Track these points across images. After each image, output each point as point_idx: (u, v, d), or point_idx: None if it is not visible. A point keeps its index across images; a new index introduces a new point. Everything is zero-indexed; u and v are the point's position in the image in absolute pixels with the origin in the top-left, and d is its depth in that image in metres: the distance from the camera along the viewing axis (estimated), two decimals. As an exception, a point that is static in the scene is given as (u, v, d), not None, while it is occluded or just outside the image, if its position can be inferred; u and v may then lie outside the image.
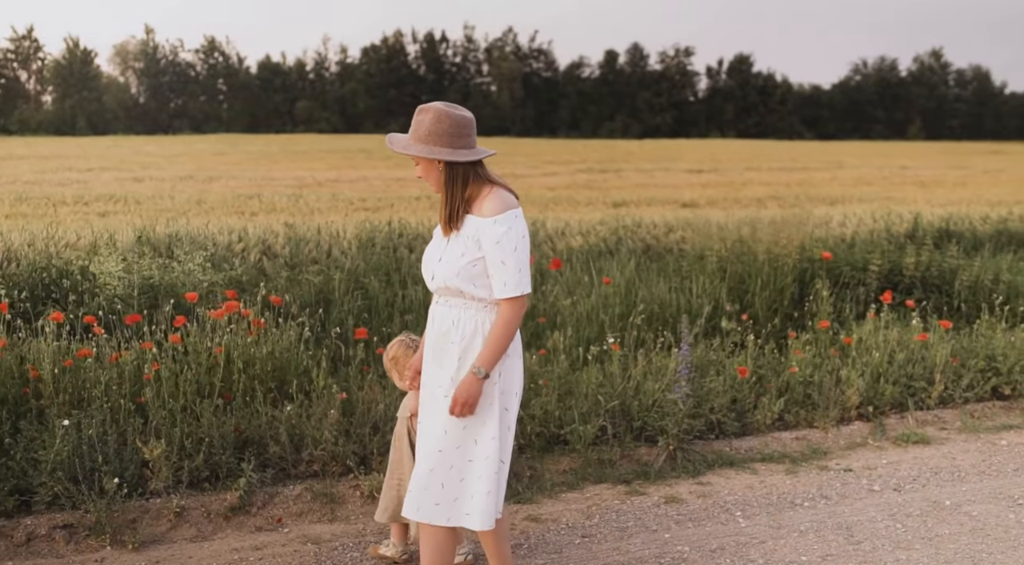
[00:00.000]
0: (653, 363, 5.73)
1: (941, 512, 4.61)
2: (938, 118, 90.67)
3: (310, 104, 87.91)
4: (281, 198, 17.53)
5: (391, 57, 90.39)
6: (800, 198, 19.06)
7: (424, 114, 3.23)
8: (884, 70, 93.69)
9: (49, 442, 4.50)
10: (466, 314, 3.27)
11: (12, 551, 4.13)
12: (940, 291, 7.61)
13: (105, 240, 8.06)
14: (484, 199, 3.21)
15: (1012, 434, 5.85)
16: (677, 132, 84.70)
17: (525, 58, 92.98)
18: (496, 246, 3.16)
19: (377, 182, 23.76)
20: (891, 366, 6.12)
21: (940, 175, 28.96)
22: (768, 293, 6.93)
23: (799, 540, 4.26)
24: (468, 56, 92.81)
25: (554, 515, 4.54)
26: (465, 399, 3.19)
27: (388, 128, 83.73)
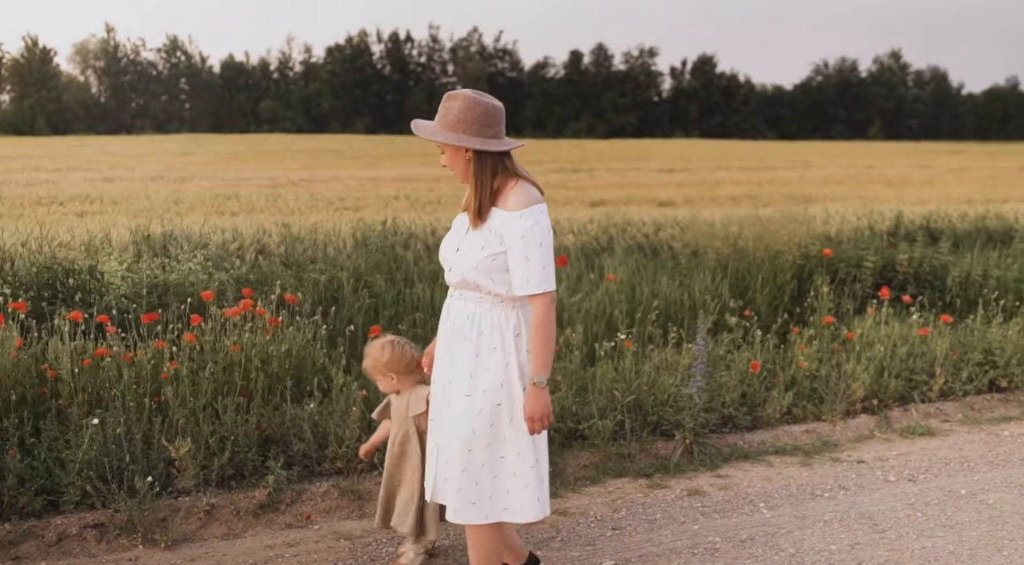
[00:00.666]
0: (665, 359, 5.79)
1: (958, 501, 4.72)
2: (897, 118, 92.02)
3: (274, 104, 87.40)
4: (259, 198, 17.43)
5: (356, 57, 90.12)
6: (774, 197, 19.27)
7: (453, 101, 3.16)
8: (845, 71, 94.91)
9: (75, 441, 4.48)
10: (482, 309, 3.22)
11: (44, 551, 4.10)
12: (932, 287, 7.76)
13: (100, 239, 7.99)
14: (509, 192, 3.14)
15: (1013, 425, 5.99)
16: (641, 132, 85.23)
17: (490, 58, 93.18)
18: (521, 241, 3.08)
19: (351, 181, 23.66)
20: (894, 360, 6.24)
21: (906, 174, 29.39)
22: (769, 290, 7.03)
23: (825, 530, 4.35)
24: (433, 56, 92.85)
25: (581, 509, 4.59)
26: (540, 413, 3.14)
27: (353, 128, 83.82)
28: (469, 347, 3.22)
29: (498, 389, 3.19)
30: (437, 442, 3.36)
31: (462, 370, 3.24)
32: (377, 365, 3.76)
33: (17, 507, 4.30)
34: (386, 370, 3.75)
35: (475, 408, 3.20)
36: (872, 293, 7.48)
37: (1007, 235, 11.09)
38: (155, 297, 6.06)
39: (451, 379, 3.28)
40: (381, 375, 3.77)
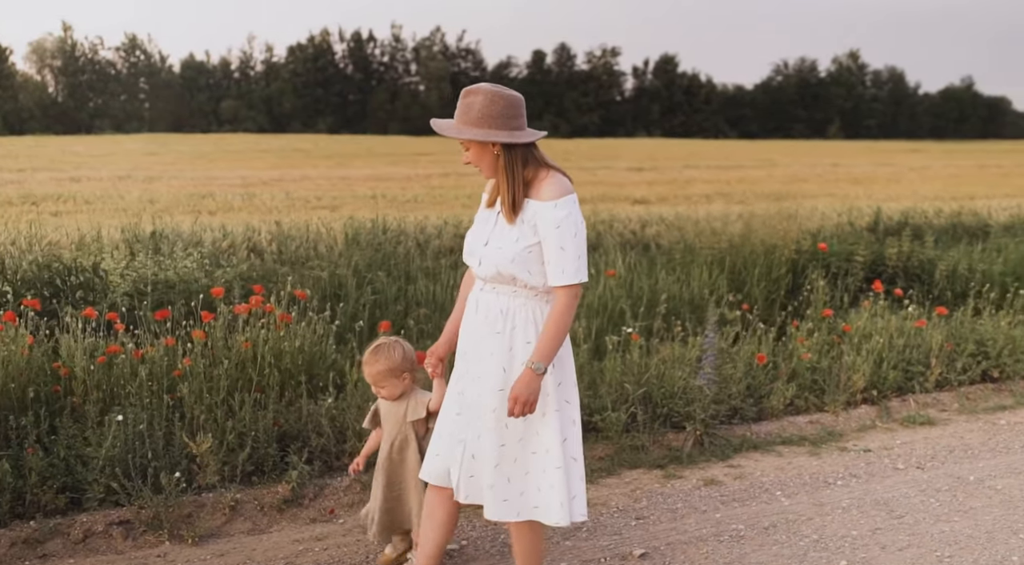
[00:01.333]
0: (673, 352, 5.86)
1: (967, 487, 4.83)
2: (856, 117, 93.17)
3: (235, 103, 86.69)
4: (235, 197, 17.31)
5: (318, 56, 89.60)
6: (747, 195, 19.46)
7: (474, 96, 3.08)
8: (804, 71, 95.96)
9: (93, 438, 4.46)
10: (515, 302, 3.17)
11: (70, 549, 4.08)
12: (920, 281, 7.91)
13: (92, 238, 7.93)
14: (542, 182, 3.09)
15: (1008, 414, 6.13)
16: (604, 131, 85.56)
17: (453, 58, 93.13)
18: (556, 231, 3.04)
19: (323, 181, 23.54)
20: (892, 352, 6.36)
21: (870, 172, 29.79)
22: (765, 284, 7.13)
23: (844, 516, 4.43)
24: (396, 55, 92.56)
25: (602, 499, 4.64)
26: (525, 397, 3.06)
27: (316, 128, 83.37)
28: (503, 341, 3.17)
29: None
30: (463, 438, 3.27)
31: (495, 364, 3.18)
32: (393, 368, 3.61)
33: (39, 505, 4.28)
34: (401, 371, 3.63)
35: (509, 404, 3.12)
36: (863, 287, 7.62)
37: (982, 230, 11.32)
38: (159, 294, 6.02)
39: (480, 373, 3.22)
40: (396, 378, 3.63)
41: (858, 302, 7.30)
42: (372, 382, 3.67)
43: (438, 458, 3.35)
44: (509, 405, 3.07)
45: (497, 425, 3.18)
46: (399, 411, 3.66)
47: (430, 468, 3.38)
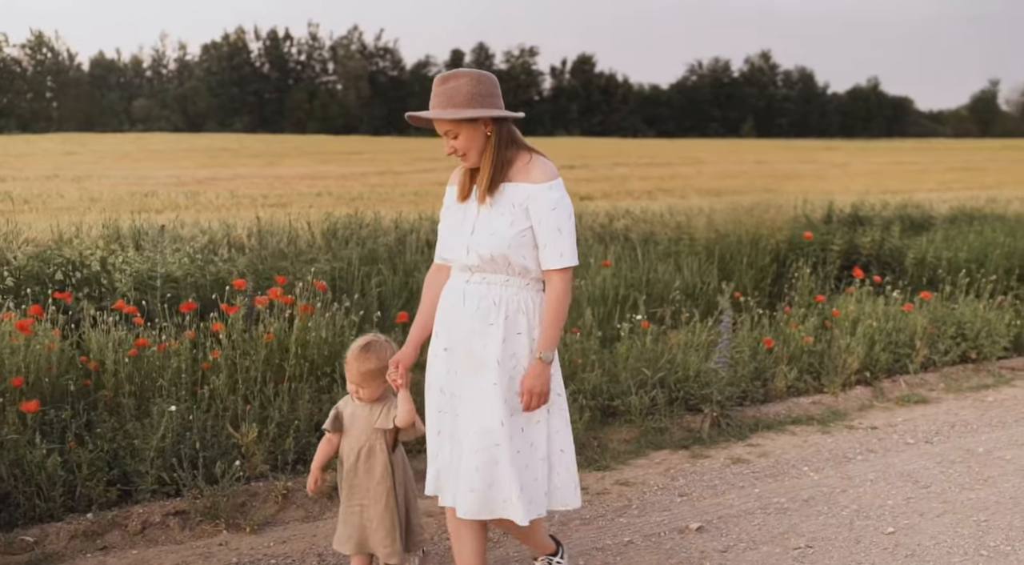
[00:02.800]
0: (686, 337, 6.03)
1: (979, 458, 5.10)
2: (769, 116, 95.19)
3: (148, 102, 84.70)
4: (178, 196, 17.04)
5: (233, 54, 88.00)
6: (687, 190, 19.86)
7: (457, 79, 2.99)
8: (718, 71, 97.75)
9: (138, 430, 4.43)
10: (508, 292, 3.06)
11: (129, 540, 4.06)
12: (891, 268, 8.25)
13: (71, 234, 7.77)
14: (529, 165, 3.03)
15: (992, 392, 6.47)
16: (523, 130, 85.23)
17: (371, 57, 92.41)
18: (552, 212, 2.97)
19: (259, 180, 23.25)
20: (881, 335, 6.64)
21: (795, 169, 30.58)
22: (753, 272, 7.37)
23: (874, 488, 4.65)
24: (313, 54, 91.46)
25: (639, 479, 4.78)
26: (539, 388, 2.99)
27: (232, 127, 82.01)
28: (496, 333, 3.04)
29: (517, 375, 3.05)
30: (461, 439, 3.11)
31: (489, 357, 3.04)
32: (383, 368, 3.24)
33: (90, 498, 4.24)
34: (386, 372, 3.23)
35: (501, 398, 3.02)
36: (839, 275, 7.91)
37: (927, 222, 11.80)
38: (167, 289, 5.97)
39: (475, 369, 3.08)
40: (381, 379, 3.26)
41: (838, 289, 7.58)
42: (354, 381, 3.31)
43: (429, 467, 3.25)
44: (524, 400, 2.99)
45: (492, 423, 3.03)
46: (370, 415, 3.33)
47: (427, 479, 3.27)
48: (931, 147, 56.35)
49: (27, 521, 4.08)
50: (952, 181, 23.40)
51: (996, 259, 8.34)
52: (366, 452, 3.34)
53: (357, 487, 3.36)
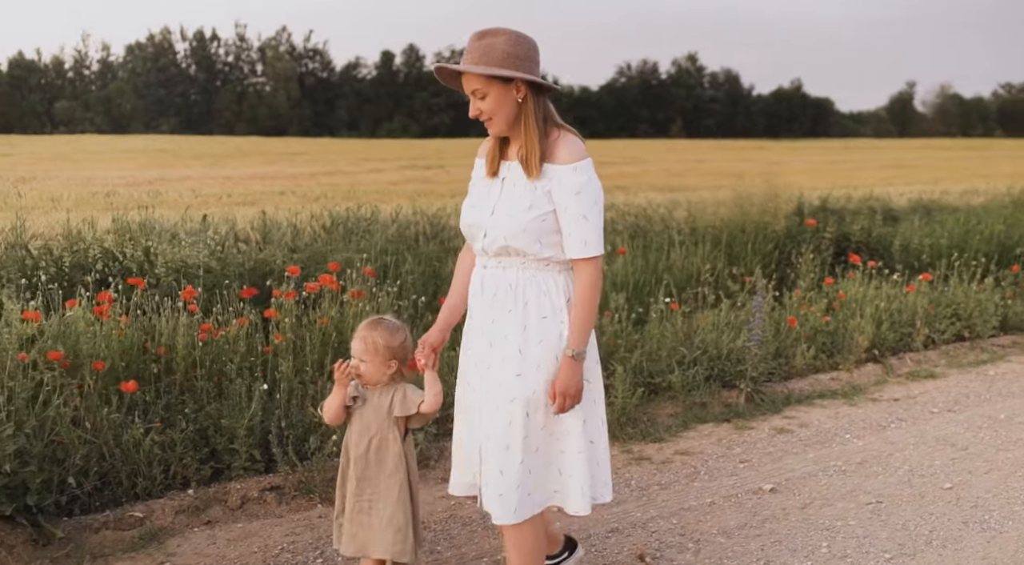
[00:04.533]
0: (716, 319, 6.32)
1: (1002, 424, 5.47)
2: (696, 117, 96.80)
3: (71, 104, 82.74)
4: (142, 195, 16.84)
5: (158, 55, 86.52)
6: (641, 186, 20.27)
7: (494, 37, 2.75)
8: (646, 73, 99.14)
9: (223, 411, 4.54)
10: (524, 275, 2.86)
11: (231, 514, 4.18)
12: (879, 254, 8.66)
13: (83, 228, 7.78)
14: (555, 143, 2.81)
15: (991, 367, 6.88)
16: (455, 132, 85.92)
17: (300, 58, 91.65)
18: (576, 197, 2.75)
19: (208, 180, 23.02)
20: (888, 315, 7.01)
21: (736, 168, 31.20)
22: (759, 259, 7.70)
23: (916, 451, 4.98)
24: (241, 55, 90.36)
25: (695, 449, 5.04)
26: (573, 390, 2.80)
27: (158, 129, 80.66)
28: (515, 320, 2.85)
29: (553, 363, 2.83)
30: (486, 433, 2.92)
31: (510, 347, 2.85)
32: (390, 347, 3.04)
33: (185, 476, 4.34)
34: (391, 357, 3.06)
35: (528, 389, 2.83)
36: (833, 260, 8.29)
37: (890, 214, 12.32)
38: (209, 278, 6.05)
39: (490, 362, 2.90)
40: (383, 360, 3.05)
41: (835, 273, 7.95)
42: (357, 351, 3.07)
43: (454, 467, 3.11)
44: (557, 403, 2.79)
45: (518, 415, 2.84)
46: (380, 401, 3.10)
47: (452, 479, 3.14)
48: (857, 146, 58.05)
49: (129, 498, 4.17)
50: (892, 178, 24.23)
51: (976, 244, 8.81)
52: (377, 442, 3.08)
53: (367, 480, 3.09)
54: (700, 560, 3.68)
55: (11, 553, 3.73)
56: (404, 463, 3.08)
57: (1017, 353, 7.28)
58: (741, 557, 3.70)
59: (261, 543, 3.89)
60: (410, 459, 3.13)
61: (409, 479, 3.10)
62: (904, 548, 3.78)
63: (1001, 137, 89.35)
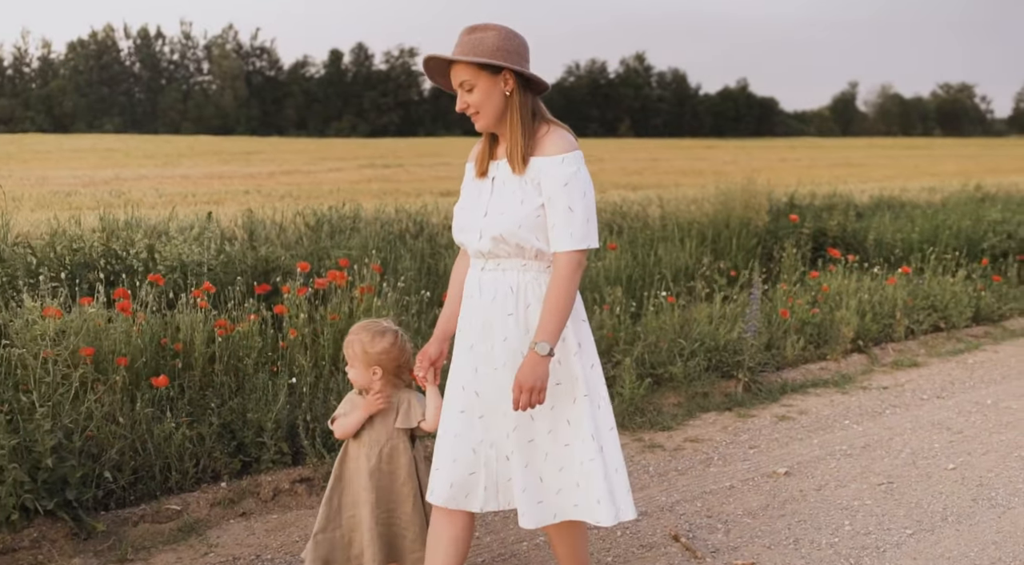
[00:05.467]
0: (712, 311, 6.50)
1: (990, 409, 5.72)
2: (644, 117, 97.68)
3: (9, 103, 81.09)
4: (101, 194, 16.60)
5: (101, 53, 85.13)
6: (603, 184, 20.48)
7: (485, 31, 2.75)
8: (595, 72, 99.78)
9: (248, 405, 4.60)
10: (526, 277, 2.81)
11: (264, 506, 4.24)
12: (854, 248, 8.92)
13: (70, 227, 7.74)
14: (544, 137, 2.78)
15: (970, 355, 7.15)
16: (404, 131, 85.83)
17: (247, 56, 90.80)
18: (564, 189, 2.70)
19: (164, 180, 22.75)
20: (871, 307, 7.25)
21: (690, 166, 31.72)
22: (743, 253, 7.91)
23: (914, 435, 5.20)
24: (187, 53, 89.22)
25: (703, 436, 5.20)
26: (531, 384, 2.65)
27: (102, 129, 79.34)
28: (517, 323, 2.80)
29: (556, 367, 2.77)
30: (487, 439, 2.86)
31: (512, 350, 2.80)
32: (367, 353, 3.06)
33: (214, 469, 4.39)
34: (372, 363, 3.06)
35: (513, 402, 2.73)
36: (811, 255, 8.53)
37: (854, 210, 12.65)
38: (213, 275, 6.08)
39: (495, 364, 2.83)
40: (364, 366, 3.08)
41: (815, 267, 8.18)
42: (345, 353, 3.14)
43: (439, 472, 2.90)
44: (515, 395, 2.68)
45: (522, 419, 2.80)
46: (389, 412, 3.12)
47: (437, 486, 2.90)
48: (803, 145, 58.99)
49: (162, 492, 4.22)
50: (846, 176, 24.72)
51: (946, 239, 9.12)
52: (388, 453, 3.09)
53: (379, 490, 3.08)
54: (732, 539, 3.84)
55: (53, 547, 3.77)
56: (415, 472, 3.09)
57: (991, 342, 7.57)
58: (771, 535, 3.86)
59: (300, 533, 3.96)
60: (420, 467, 3.12)
61: (420, 487, 3.08)
62: (922, 524, 3.97)
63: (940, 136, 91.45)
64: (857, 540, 3.82)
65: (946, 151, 51.16)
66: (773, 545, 3.78)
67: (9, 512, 3.72)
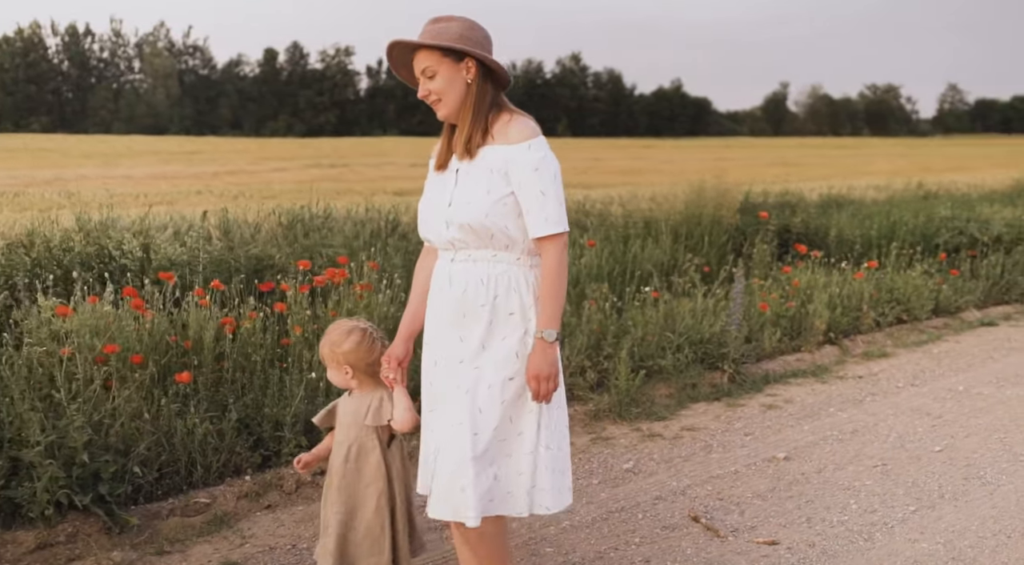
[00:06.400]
0: (694, 306, 6.71)
1: (963, 395, 6.02)
2: (581, 117, 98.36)
3: (-68, 101, 78.82)
4: (50, 195, 16.38)
5: (28, 50, 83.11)
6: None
7: (449, 21, 2.78)
8: (531, 72, 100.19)
9: (264, 401, 4.69)
10: (497, 269, 2.79)
11: (288, 498, 4.34)
12: (816, 244, 9.23)
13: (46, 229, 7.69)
14: (507, 125, 2.77)
15: (934, 345, 7.49)
16: (340, 131, 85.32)
17: (180, 55, 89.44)
18: (535, 173, 2.71)
19: (109, 180, 22.40)
20: (841, 300, 7.55)
21: (631, 165, 32.19)
22: (715, 250, 8.16)
23: (897, 420, 5.47)
24: (117, 51, 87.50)
25: (698, 425, 5.41)
26: (546, 372, 2.71)
27: (29, 128, 77.46)
28: (484, 314, 2.78)
29: (512, 361, 2.76)
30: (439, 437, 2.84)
31: (474, 342, 2.78)
32: (335, 352, 3.01)
33: (236, 463, 4.47)
34: (343, 361, 3.01)
35: (484, 383, 2.76)
36: (777, 251, 8.82)
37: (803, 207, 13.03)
38: (209, 273, 6.13)
39: (461, 357, 2.80)
40: (336, 364, 3.03)
41: (783, 262, 8.47)
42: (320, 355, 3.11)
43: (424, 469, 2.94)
44: (532, 387, 2.71)
45: (471, 411, 2.75)
46: (358, 410, 3.03)
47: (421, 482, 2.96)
48: (738, 144, 60.16)
49: (188, 486, 4.29)
50: (786, 175, 25.33)
51: (903, 235, 9.49)
52: (356, 451, 3.00)
53: (343, 489, 3.01)
54: (747, 519, 4.04)
55: (89, 541, 3.82)
56: (384, 472, 2.98)
57: (951, 333, 7.92)
58: (784, 515, 4.08)
59: (329, 523, 4.06)
60: (394, 468, 3.02)
61: (391, 489, 3.00)
62: (922, 502, 4.22)
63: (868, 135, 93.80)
64: (865, 517, 4.05)
65: (876, 150, 52.57)
66: (787, 524, 3.99)
67: (44, 507, 3.78)
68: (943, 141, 77.76)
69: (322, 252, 6.76)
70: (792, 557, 3.68)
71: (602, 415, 5.51)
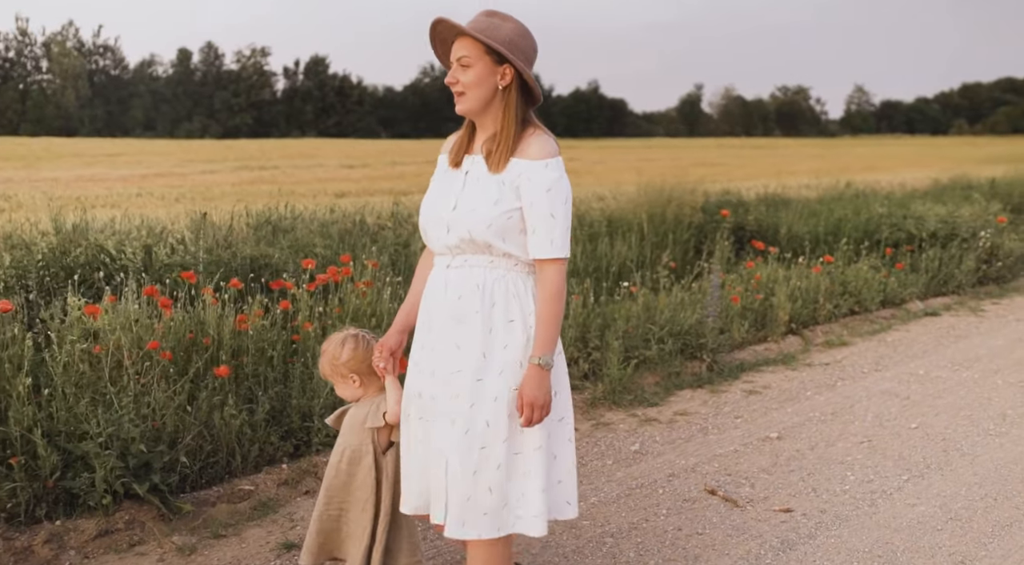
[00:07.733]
0: (673, 298, 7.09)
1: (924, 378, 6.51)
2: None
3: None
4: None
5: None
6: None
7: (503, 20, 2.72)
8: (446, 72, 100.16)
9: (295, 392, 4.89)
10: (493, 275, 2.74)
11: (323, 485, 4.56)
12: (768, 240, 9.72)
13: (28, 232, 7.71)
14: (528, 138, 2.73)
15: (885, 335, 8.00)
16: (258, 132, 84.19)
17: (90, 54, 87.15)
18: (547, 194, 2.66)
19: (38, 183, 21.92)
20: (799, 293, 8.01)
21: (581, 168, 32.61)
22: (679, 247, 8.57)
23: (871, 402, 5.91)
24: (24, 51, 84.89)
25: (689, 411, 5.77)
26: (541, 400, 2.65)
27: (-69, 130, 74.81)
28: (481, 322, 2.72)
29: (516, 370, 2.71)
30: (440, 446, 2.75)
31: (473, 351, 2.72)
32: (336, 365, 3.09)
33: (269, 453, 4.67)
34: (347, 371, 3.08)
35: (489, 395, 2.69)
36: (733, 247, 9.27)
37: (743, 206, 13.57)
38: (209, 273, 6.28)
39: (459, 366, 2.73)
40: (341, 377, 3.10)
41: (739, 258, 8.92)
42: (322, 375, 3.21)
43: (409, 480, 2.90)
44: (524, 415, 2.65)
45: (476, 424, 2.70)
46: (359, 415, 3.11)
47: (407, 496, 2.91)
48: (657, 145, 61.07)
49: (229, 474, 4.48)
50: (713, 175, 25.94)
51: (847, 231, 10.04)
52: (350, 455, 3.10)
53: (336, 493, 3.12)
54: (759, 491, 4.40)
55: (146, 527, 4.00)
56: (374, 477, 3.04)
57: (899, 323, 8.46)
58: (791, 486, 4.45)
59: (370, 506, 4.30)
60: (387, 473, 3.06)
61: (378, 493, 3.05)
62: (912, 472, 4.64)
63: (780, 136, 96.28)
64: (864, 487, 4.45)
65: (791, 151, 54.03)
66: (796, 494, 4.37)
67: (102, 497, 3.94)
68: (852, 141, 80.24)
69: (309, 252, 6.94)
70: (808, 522, 4.05)
71: (597, 402, 5.82)
